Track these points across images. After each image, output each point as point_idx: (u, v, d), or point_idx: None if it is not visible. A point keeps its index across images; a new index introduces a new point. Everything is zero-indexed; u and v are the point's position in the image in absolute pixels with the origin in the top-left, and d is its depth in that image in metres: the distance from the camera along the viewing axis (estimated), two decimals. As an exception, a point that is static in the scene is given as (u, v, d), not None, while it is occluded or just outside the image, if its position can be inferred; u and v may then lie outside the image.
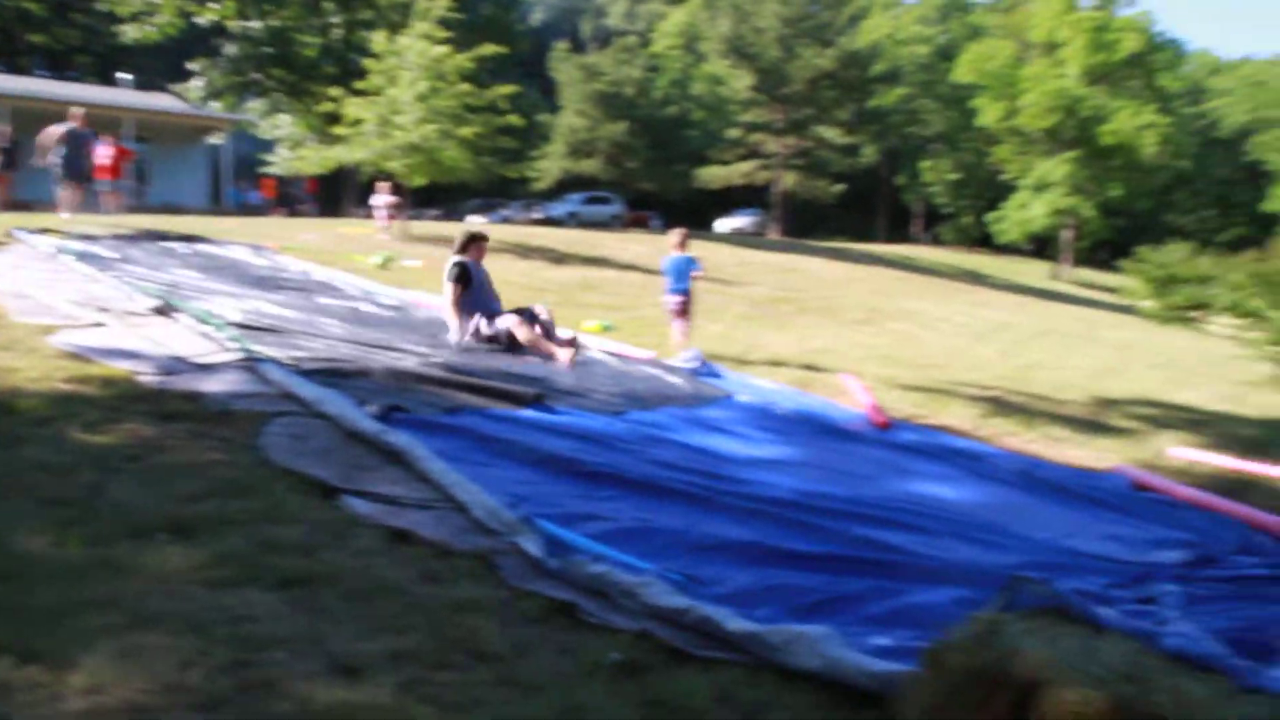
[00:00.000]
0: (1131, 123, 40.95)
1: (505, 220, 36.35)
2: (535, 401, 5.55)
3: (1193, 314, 22.55)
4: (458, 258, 7.90)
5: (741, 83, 49.99)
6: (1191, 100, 59.28)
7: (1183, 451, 6.42)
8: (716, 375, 7.57)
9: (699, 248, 10.24)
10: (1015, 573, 2.81)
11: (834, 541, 3.69)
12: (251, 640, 2.61)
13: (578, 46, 51.98)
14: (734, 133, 50.89)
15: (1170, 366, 12.58)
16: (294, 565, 3.13)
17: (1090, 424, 7.29)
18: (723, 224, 44.85)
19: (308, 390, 4.96)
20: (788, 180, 49.75)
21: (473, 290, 7.78)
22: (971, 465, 5.31)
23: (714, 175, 50.04)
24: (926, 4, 63.22)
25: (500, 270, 10.20)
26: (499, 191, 41.14)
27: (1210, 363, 13.72)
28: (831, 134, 49.97)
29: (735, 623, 2.90)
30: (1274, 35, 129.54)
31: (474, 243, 8.14)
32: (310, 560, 3.21)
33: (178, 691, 2.34)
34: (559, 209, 38.77)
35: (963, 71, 44.74)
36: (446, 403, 5.27)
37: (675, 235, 8.64)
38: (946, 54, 52.84)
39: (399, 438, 4.24)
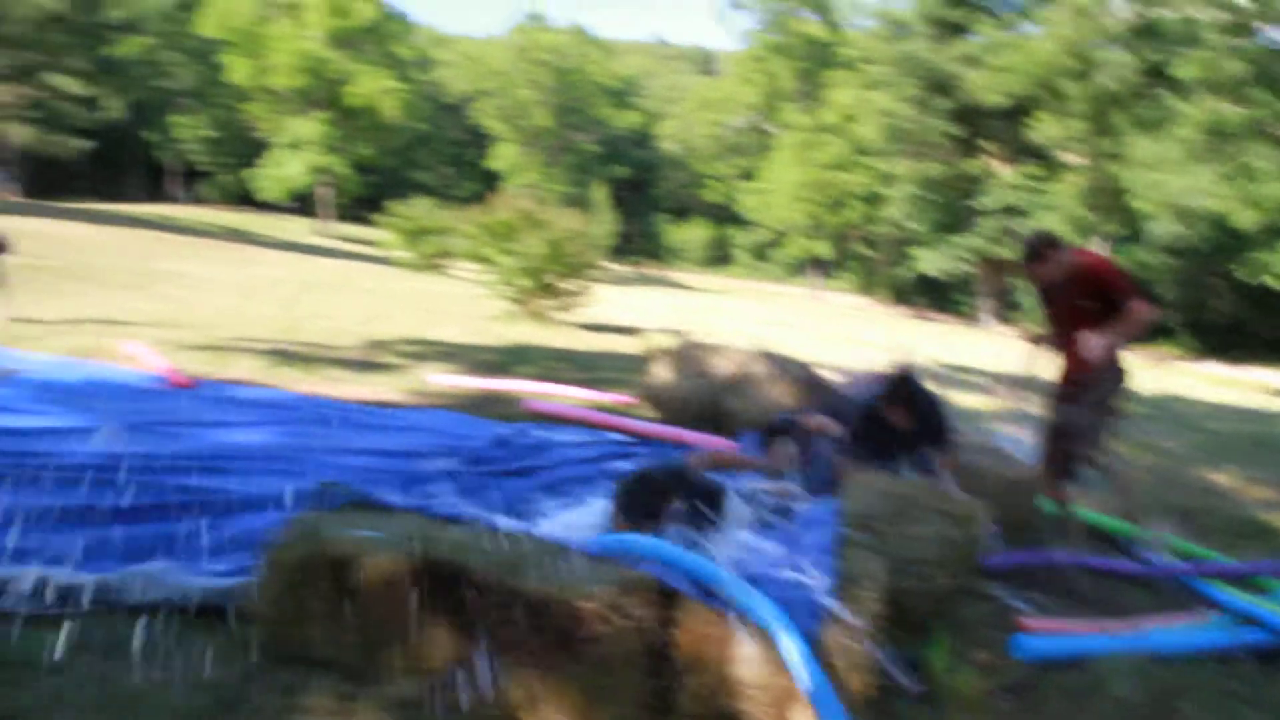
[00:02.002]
0: (373, 86, 43.76)
1: None
2: None
3: (440, 261, 25.29)
4: None
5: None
6: (422, 69, 64.77)
7: (441, 377, 7.69)
8: (-19, 355, 7.05)
9: None
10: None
11: (154, 493, 4.01)
12: None
13: None
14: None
15: (425, 309, 14.30)
16: None
17: (363, 364, 8.29)
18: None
19: None
20: (21, 134, 44.02)
21: None
22: (268, 411, 5.88)
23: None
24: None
25: None
26: None
27: (458, 303, 15.85)
28: (67, 83, 45.21)
29: (74, 576, 3.16)
30: (478, 17, 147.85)
31: None
32: None
33: None
34: None
35: (207, 26, 43.57)
36: None
37: None
38: (187, 5, 50.74)
39: None
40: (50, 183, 46.10)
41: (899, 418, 4.77)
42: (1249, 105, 28.42)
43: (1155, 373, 22.57)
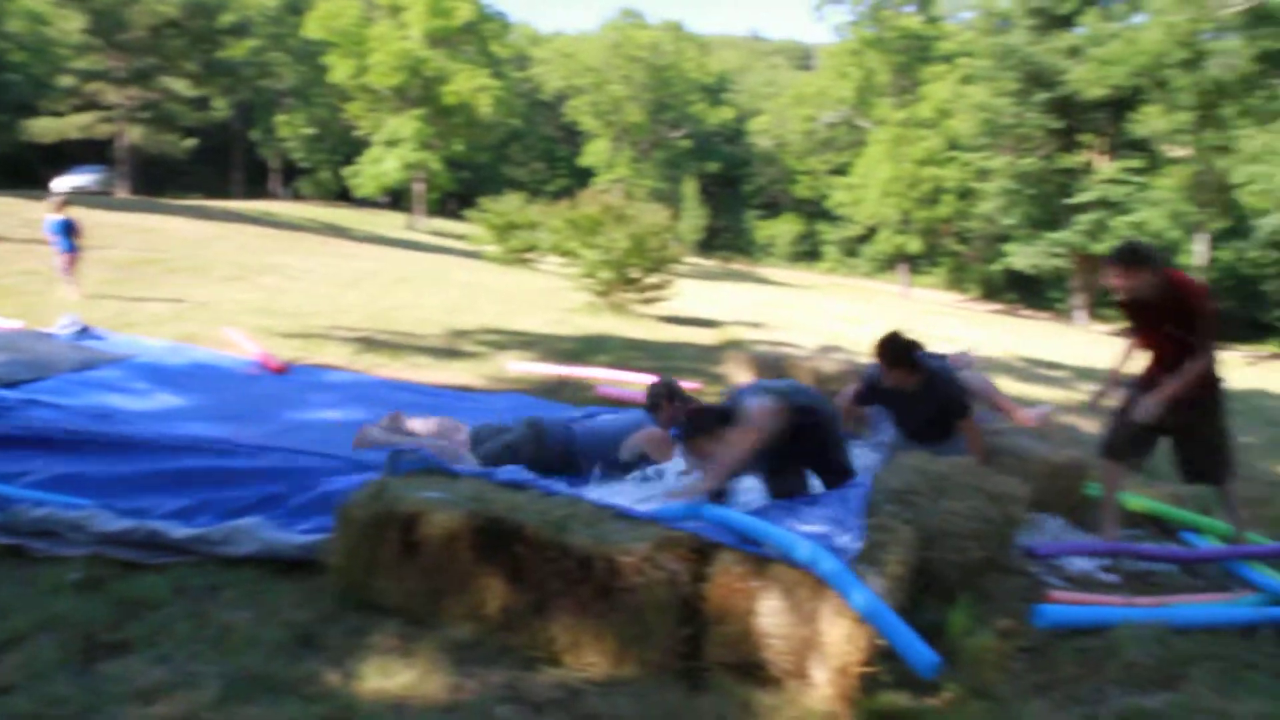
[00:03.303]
0: (469, 84, 44.71)
1: None
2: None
3: (528, 255, 25.79)
4: None
5: (71, 24, 44.91)
6: (518, 66, 65.83)
7: (519, 364, 8.06)
8: (99, 339, 7.65)
9: (34, 209, 9.99)
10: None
11: (249, 460, 4.42)
12: None
13: None
14: (67, 80, 45.78)
15: (510, 300, 14.74)
16: None
17: (446, 351, 8.71)
18: (62, 182, 40.28)
19: None
20: (133, 134, 46.20)
21: None
22: (354, 392, 6.31)
23: (46, 128, 44.68)
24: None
25: None
26: None
27: (542, 295, 16.27)
28: (179, 85, 47.27)
29: (179, 530, 3.58)
30: (577, 14, 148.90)
31: None
32: None
33: None
34: None
35: (313, 27, 45.05)
36: None
37: (54, 199, 8.89)
38: (296, 8, 52.50)
39: None
40: (157, 180, 48.13)
41: (899, 379, 4.97)
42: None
43: (1250, 370, 21.93)
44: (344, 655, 2.92)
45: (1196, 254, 36.59)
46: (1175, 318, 4.41)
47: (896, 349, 4.93)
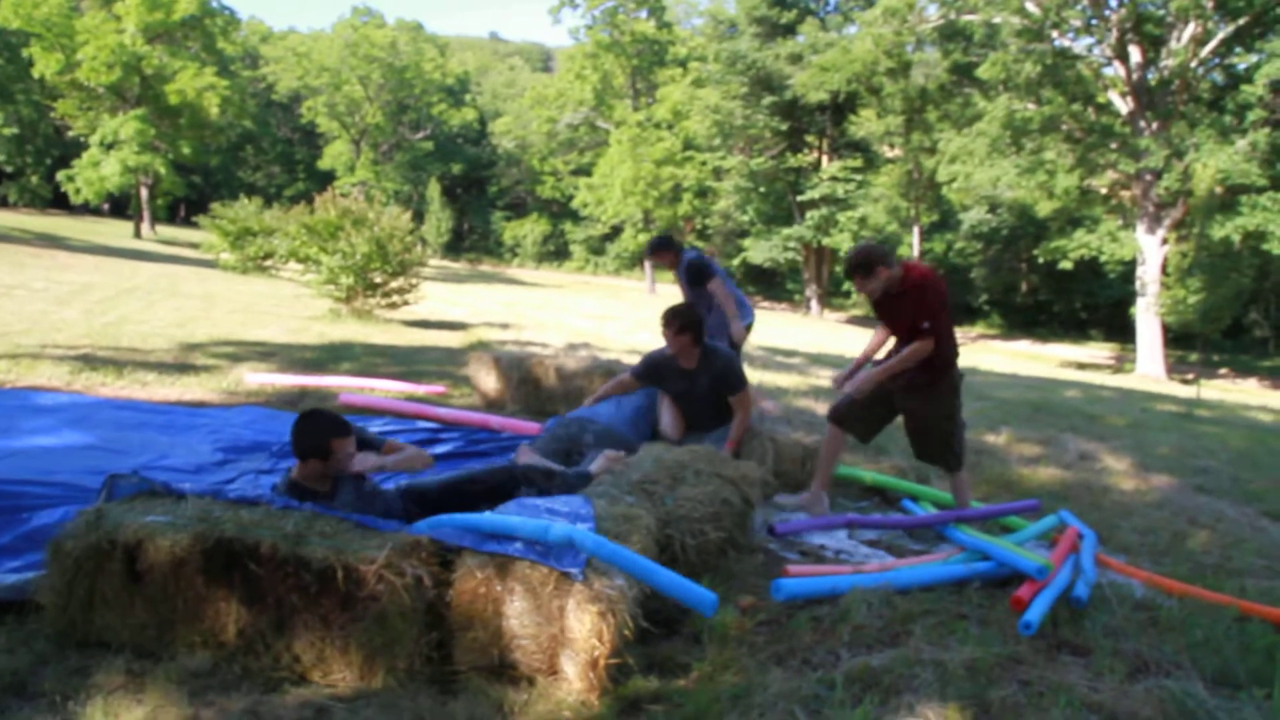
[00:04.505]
0: (194, 83, 42.15)
1: None
2: None
3: (265, 263, 24.67)
4: None
5: None
6: (249, 64, 62.69)
7: (257, 376, 7.69)
8: None
9: None
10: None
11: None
12: None
13: None
14: None
15: (247, 310, 14.05)
16: None
17: (176, 366, 8.19)
18: None
19: None
20: None
21: None
22: (71, 413, 5.81)
23: None
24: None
25: None
26: None
27: (281, 303, 15.61)
28: None
29: None
30: (312, 13, 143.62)
31: None
32: None
33: None
34: None
35: (8, 15, 40.98)
36: None
37: None
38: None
39: None
40: None
41: (682, 348, 5.36)
42: (1043, 104, 30.58)
43: (964, 350, 24.04)
44: (64, 700, 2.69)
45: (913, 246, 39.86)
46: (914, 306, 4.82)
47: (680, 314, 5.33)
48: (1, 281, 15.32)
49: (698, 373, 5.40)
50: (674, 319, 5.32)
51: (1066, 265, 35.39)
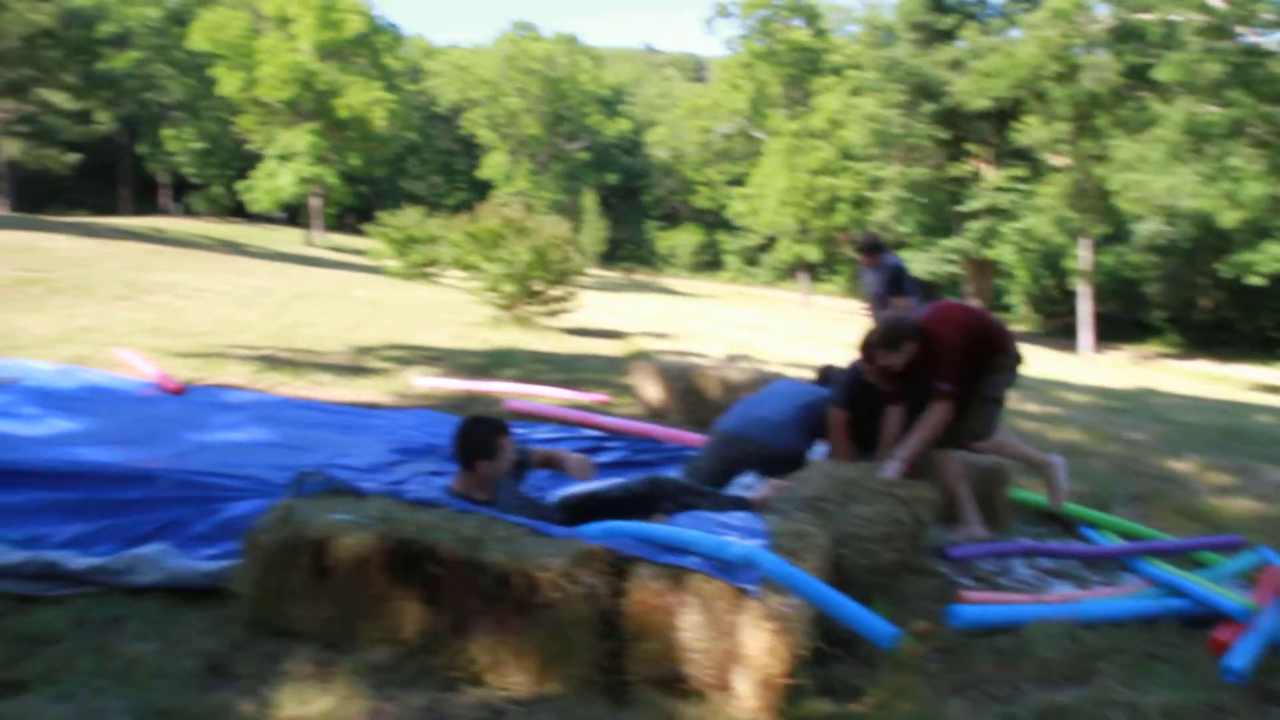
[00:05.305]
0: (363, 97, 44.07)
1: None
2: None
3: (429, 269, 25.53)
4: None
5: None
6: (413, 79, 65.12)
7: (424, 380, 7.93)
8: (-22, 364, 7.28)
9: None
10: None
11: (149, 487, 4.24)
12: None
13: None
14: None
15: (413, 315, 14.54)
16: None
17: (350, 368, 8.53)
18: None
19: None
20: (11, 149, 44.25)
21: None
22: (257, 411, 6.12)
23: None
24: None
25: None
26: None
27: (445, 309, 16.09)
28: (58, 98, 45.43)
29: (78, 560, 3.41)
30: (472, 28, 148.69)
31: None
32: None
33: None
34: None
35: (198, 39, 43.84)
36: None
37: None
38: (180, 19, 51.05)
39: None
40: (40, 196, 46.30)
41: (892, 360, 4.72)
42: (1229, 106, 28.73)
43: (1137, 370, 22.91)
44: (258, 684, 2.83)
45: (1081, 259, 38.10)
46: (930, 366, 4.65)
47: (895, 327, 4.73)
48: (188, 284, 16.30)
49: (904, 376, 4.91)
50: (878, 340, 4.72)
51: (1256, 280, 33.03)
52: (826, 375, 5.72)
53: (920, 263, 43.95)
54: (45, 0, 42.48)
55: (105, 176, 54.51)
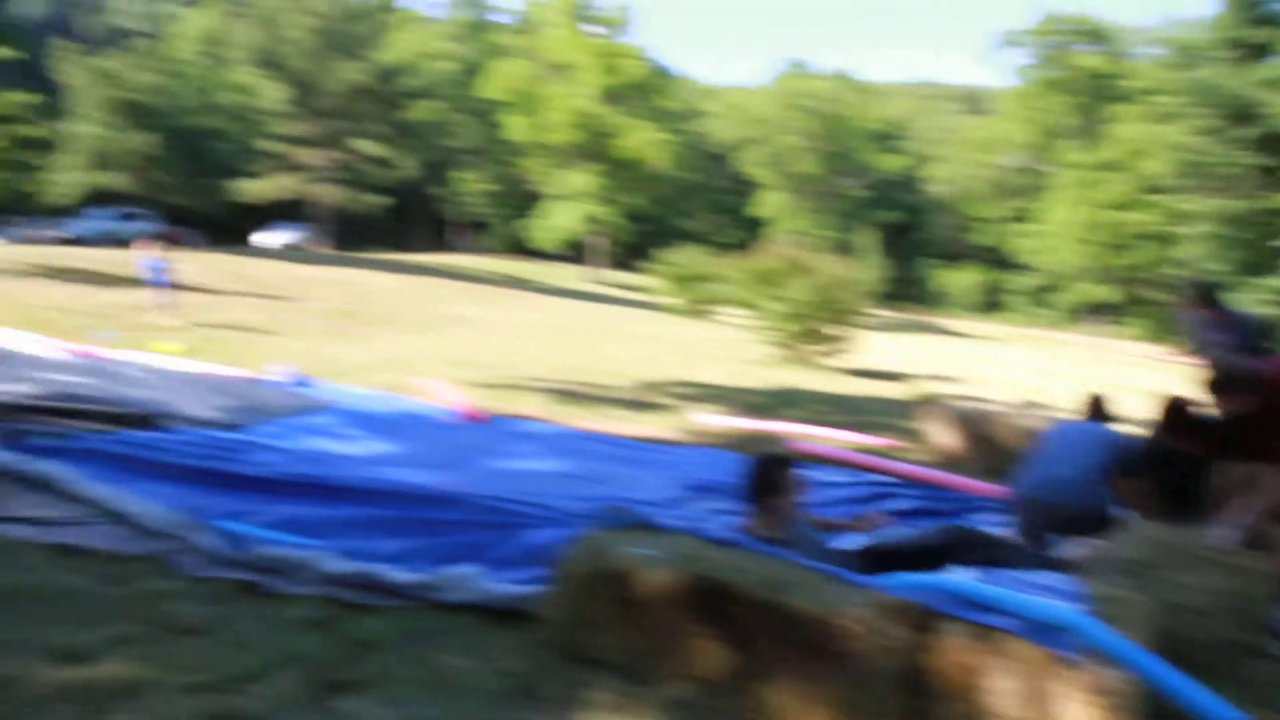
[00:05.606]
0: (642, 139, 45.60)
1: (26, 240, 31.35)
2: (143, 424, 5.79)
3: (707, 307, 25.91)
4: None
5: (273, 94, 48.55)
6: (688, 120, 66.75)
7: (704, 417, 8.02)
8: (308, 385, 8.06)
9: (240, 264, 10.61)
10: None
11: (460, 510, 4.52)
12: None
13: (80, 44, 47.08)
14: (268, 145, 49.26)
15: (692, 352, 14.79)
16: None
17: (636, 403, 8.77)
18: (264, 238, 42.93)
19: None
20: (332, 194, 49.23)
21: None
22: (552, 442, 6.41)
23: (252, 189, 48.11)
24: (451, 21, 65.31)
25: (37, 296, 9.75)
26: (7, 208, 36.10)
27: (724, 347, 16.26)
28: (369, 147, 50.12)
29: (400, 574, 3.67)
30: (746, 65, 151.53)
31: None
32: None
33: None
34: (81, 226, 34.63)
35: (489, 88, 47.05)
36: (57, 429, 5.39)
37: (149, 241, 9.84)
38: (473, 71, 55.05)
39: (40, 465, 4.44)
40: (355, 235, 50.98)
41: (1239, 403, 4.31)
42: None
43: None
44: (564, 708, 2.92)
45: None
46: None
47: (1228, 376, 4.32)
48: (479, 317, 17.40)
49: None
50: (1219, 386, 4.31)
51: None
52: (1097, 406, 5.29)
53: (1236, 305, 40.00)
54: (359, 59, 47.11)
55: (404, 217, 59.32)
